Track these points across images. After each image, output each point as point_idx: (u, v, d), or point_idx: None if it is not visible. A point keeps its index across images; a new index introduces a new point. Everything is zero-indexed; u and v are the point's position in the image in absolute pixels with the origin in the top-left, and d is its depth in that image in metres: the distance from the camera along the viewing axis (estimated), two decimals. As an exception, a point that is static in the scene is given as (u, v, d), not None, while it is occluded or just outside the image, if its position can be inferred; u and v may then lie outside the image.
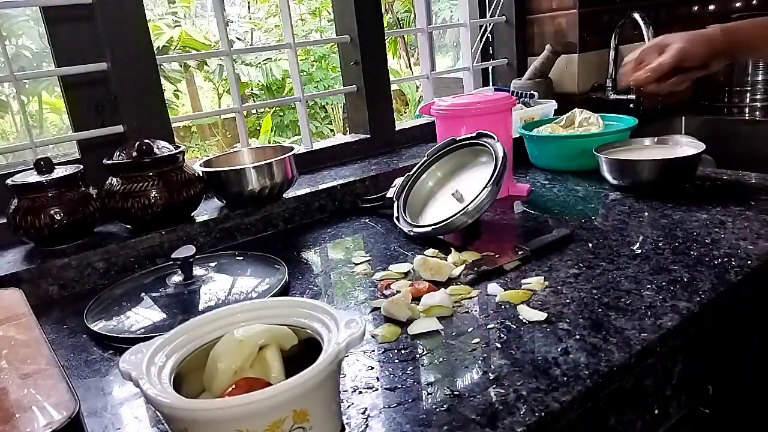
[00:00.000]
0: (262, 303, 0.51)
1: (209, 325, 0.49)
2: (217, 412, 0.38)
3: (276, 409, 0.39)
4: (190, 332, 0.48)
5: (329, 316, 0.47)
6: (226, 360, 0.45)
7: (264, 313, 0.50)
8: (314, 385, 0.40)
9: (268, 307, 0.51)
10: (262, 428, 0.39)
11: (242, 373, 0.44)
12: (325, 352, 0.42)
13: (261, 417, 0.39)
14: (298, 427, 0.40)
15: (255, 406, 0.38)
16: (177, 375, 0.45)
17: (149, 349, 0.45)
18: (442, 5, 4.63)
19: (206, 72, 5.10)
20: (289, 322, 0.49)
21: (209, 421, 0.39)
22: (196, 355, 0.47)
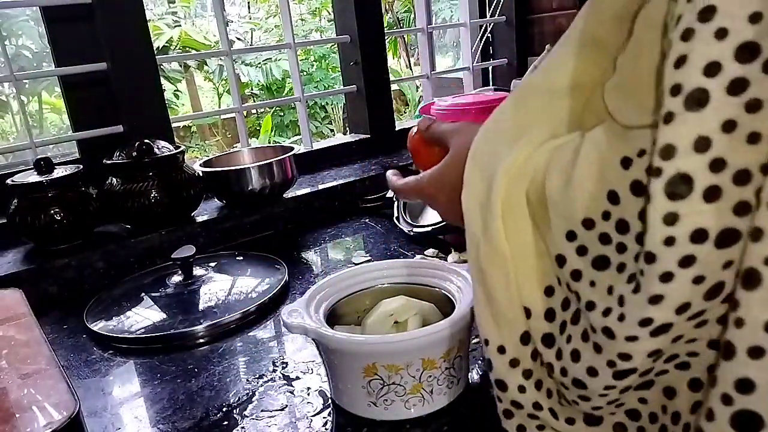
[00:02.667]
0: (399, 262, 0.61)
1: (349, 280, 0.59)
2: (407, 342, 0.47)
3: (448, 339, 0.48)
4: (332, 287, 0.57)
5: (457, 274, 0.56)
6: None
7: (401, 272, 0.60)
8: (468, 321, 0.49)
9: (403, 266, 0.60)
10: (439, 356, 0.48)
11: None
12: (466, 300, 0.51)
13: (439, 347, 0.48)
14: (458, 355, 0.50)
15: (436, 336, 0.47)
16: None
17: (304, 308, 0.53)
18: (442, 5, 4.63)
19: (206, 72, 5.10)
20: (424, 281, 0.59)
21: (401, 351, 0.47)
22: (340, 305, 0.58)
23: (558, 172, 0.31)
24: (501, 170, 0.34)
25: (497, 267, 0.35)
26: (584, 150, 0.30)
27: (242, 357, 0.63)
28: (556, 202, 0.31)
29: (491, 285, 0.35)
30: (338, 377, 0.51)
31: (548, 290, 0.34)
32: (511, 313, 0.35)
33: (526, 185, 0.34)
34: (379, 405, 0.49)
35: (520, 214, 0.34)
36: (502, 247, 0.34)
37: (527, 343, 0.35)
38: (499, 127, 0.37)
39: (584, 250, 0.30)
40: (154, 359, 0.65)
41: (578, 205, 0.30)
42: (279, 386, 0.57)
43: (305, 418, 0.51)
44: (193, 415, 0.54)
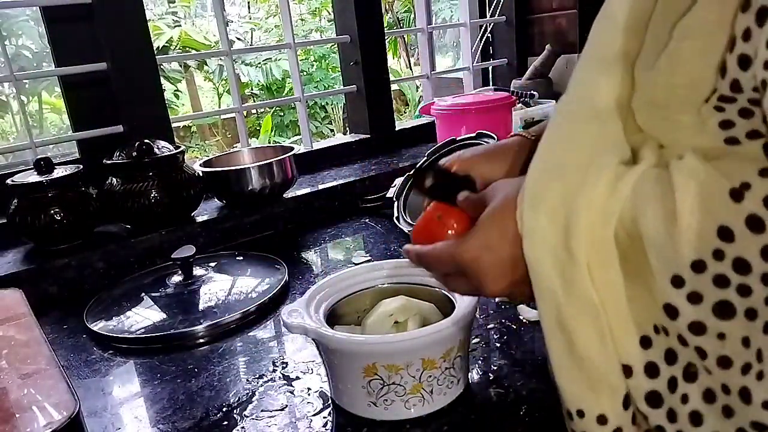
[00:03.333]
0: (399, 262, 0.60)
1: (349, 280, 0.59)
2: (407, 342, 0.47)
3: (448, 339, 0.48)
4: (332, 287, 0.57)
5: None
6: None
7: (401, 272, 0.59)
8: (468, 321, 0.50)
9: (404, 265, 0.59)
10: (439, 356, 0.48)
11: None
12: (467, 299, 0.51)
13: (439, 347, 0.48)
14: (458, 355, 0.50)
15: (436, 337, 0.47)
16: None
17: (304, 307, 0.52)
18: (442, 5, 4.63)
19: (206, 72, 5.10)
20: (424, 281, 0.58)
21: (401, 351, 0.47)
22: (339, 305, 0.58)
23: (652, 208, 0.27)
24: (579, 210, 0.29)
25: (588, 322, 0.30)
26: (678, 181, 0.26)
27: (242, 357, 0.63)
28: (656, 243, 0.27)
29: (582, 345, 0.30)
30: (338, 377, 0.51)
31: (644, 341, 0.30)
32: (611, 374, 0.30)
33: (614, 224, 0.29)
34: (379, 405, 0.49)
35: (609, 258, 0.30)
36: (592, 301, 0.30)
37: (628, 408, 0.31)
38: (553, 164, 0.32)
39: (698, 298, 0.26)
40: (154, 359, 0.65)
41: (683, 245, 0.26)
42: (279, 386, 0.57)
43: (305, 418, 0.51)
44: (193, 415, 0.54)
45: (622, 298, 0.30)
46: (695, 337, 0.27)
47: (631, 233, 0.28)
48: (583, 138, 0.31)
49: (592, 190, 0.29)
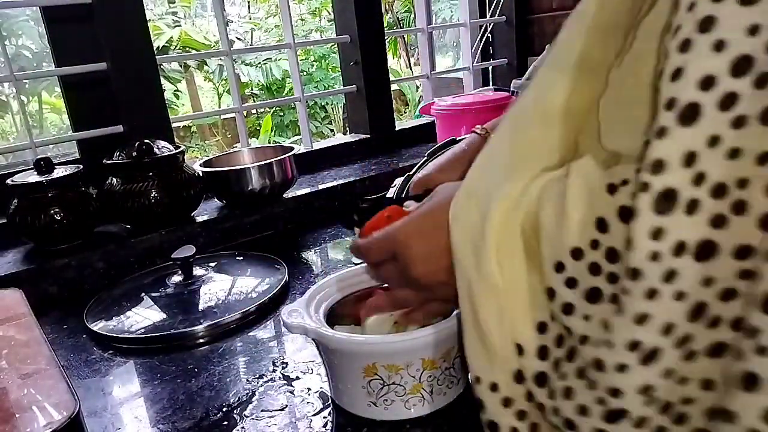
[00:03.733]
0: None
1: (349, 280, 0.58)
2: (407, 342, 0.47)
3: (449, 339, 0.47)
4: (332, 287, 0.57)
5: None
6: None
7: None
8: None
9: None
10: (439, 356, 0.48)
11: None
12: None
13: (439, 347, 0.47)
14: (458, 355, 0.50)
15: (436, 337, 0.46)
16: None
17: (304, 307, 0.52)
18: (442, 5, 4.63)
19: (206, 72, 5.10)
20: None
21: (401, 351, 0.47)
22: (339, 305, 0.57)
23: (550, 203, 0.31)
24: (496, 202, 0.33)
25: (490, 302, 0.34)
26: (571, 179, 0.30)
27: (242, 357, 0.63)
28: (548, 233, 0.31)
29: (484, 320, 0.34)
30: (338, 377, 0.51)
31: (541, 327, 0.33)
32: (504, 349, 0.34)
33: (521, 218, 0.32)
34: (379, 405, 0.49)
35: (515, 247, 0.33)
36: (495, 282, 0.33)
37: (521, 382, 0.34)
38: (493, 159, 0.36)
39: (574, 282, 0.29)
40: (154, 359, 0.65)
41: (567, 234, 0.29)
42: (279, 386, 0.57)
43: (305, 418, 0.51)
44: (193, 415, 0.54)
45: (523, 284, 0.33)
46: (566, 317, 0.30)
47: (534, 227, 0.32)
48: (521, 142, 0.34)
49: (510, 186, 0.33)
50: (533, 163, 0.33)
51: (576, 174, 0.30)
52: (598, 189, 0.28)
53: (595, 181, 0.29)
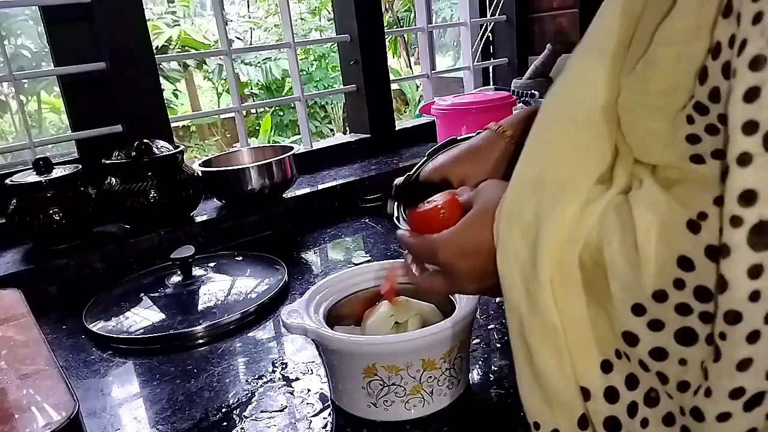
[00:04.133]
0: (397, 263, 0.58)
1: (349, 281, 0.58)
2: (407, 343, 0.47)
3: (449, 340, 0.48)
4: (332, 287, 0.57)
5: None
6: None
7: (401, 272, 0.56)
8: (469, 321, 0.50)
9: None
10: (439, 357, 0.48)
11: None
12: (467, 299, 0.50)
13: (439, 347, 0.48)
14: (458, 356, 0.50)
15: (436, 337, 0.47)
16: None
17: (303, 308, 0.52)
18: (443, 4, 4.63)
19: (205, 71, 5.09)
20: None
21: (401, 352, 0.47)
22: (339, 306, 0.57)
23: (615, 238, 0.27)
24: (548, 231, 0.30)
25: (547, 342, 0.31)
26: (638, 212, 0.27)
27: (241, 358, 0.63)
28: (619, 271, 0.27)
29: (541, 362, 0.31)
30: (338, 378, 0.51)
31: (605, 366, 0.30)
32: (566, 393, 0.31)
33: (580, 249, 0.29)
34: (379, 406, 0.49)
35: (572, 281, 0.30)
36: (552, 319, 0.30)
37: (585, 428, 0.31)
38: (533, 177, 0.32)
39: (659, 325, 0.27)
40: (153, 360, 0.64)
41: (646, 276, 0.26)
42: (278, 387, 0.57)
43: (305, 419, 0.51)
44: (192, 415, 0.54)
45: (583, 321, 0.30)
46: (657, 362, 0.27)
47: (596, 261, 0.29)
48: (564, 151, 0.31)
49: (562, 213, 0.30)
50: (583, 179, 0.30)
51: (641, 205, 0.27)
52: (676, 226, 0.25)
53: (667, 215, 0.26)
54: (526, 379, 0.32)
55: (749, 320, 0.23)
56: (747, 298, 0.23)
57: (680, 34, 0.25)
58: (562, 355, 0.30)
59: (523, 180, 0.33)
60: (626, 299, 0.27)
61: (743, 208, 0.22)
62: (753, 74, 0.22)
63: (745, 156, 0.22)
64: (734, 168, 0.22)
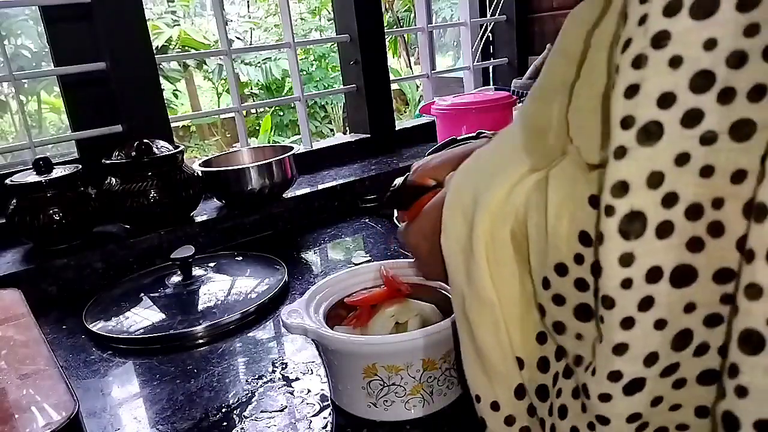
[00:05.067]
0: (400, 263, 0.59)
1: (349, 280, 0.58)
2: (407, 343, 0.47)
3: (449, 340, 0.48)
4: (332, 287, 0.57)
5: None
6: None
7: (401, 272, 0.58)
8: None
9: (404, 266, 0.58)
10: (439, 357, 0.48)
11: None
12: None
13: (439, 347, 0.48)
14: (459, 355, 0.47)
15: (436, 337, 0.47)
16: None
17: (303, 308, 0.52)
18: (443, 4, 4.63)
19: (205, 71, 5.09)
20: (424, 282, 0.56)
21: (401, 352, 0.47)
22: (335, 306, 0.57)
23: (537, 211, 0.29)
24: (481, 209, 0.31)
25: (485, 316, 0.32)
26: (551, 186, 0.28)
27: (241, 358, 0.63)
28: (535, 245, 0.29)
29: (480, 336, 0.32)
30: (338, 378, 0.51)
31: (541, 337, 0.31)
32: (503, 365, 0.32)
33: (511, 224, 0.30)
34: (379, 406, 0.49)
35: (506, 256, 0.31)
36: (488, 294, 0.31)
37: (522, 398, 0.32)
38: (479, 164, 0.34)
39: (561, 300, 0.28)
40: (153, 360, 0.64)
41: (551, 249, 0.27)
42: (278, 387, 0.57)
43: (305, 419, 0.51)
44: (192, 415, 0.54)
45: (517, 295, 0.31)
46: (558, 335, 0.29)
47: (525, 234, 0.30)
48: (506, 146, 0.33)
49: (494, 192, 0.31)
50: (519, 165, 0.31)
51: (555, 181, 0.28)
52: (581, 200, 0.26)
53: (576, 191, 0.27)
54: (469, 354, 0.34)
55: (622, 307, 0.24)
56: (619, 285, 0.24)
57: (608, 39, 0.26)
58: (499, 328, 0.32)
59: (468, 167, 0.35)
60: (538, 271, 0.29)
61: (616, 198, 0.23)
62: (634, 72, 0.23)
63: (621, 149, 0.23)
64: (611, 161, 0.23)
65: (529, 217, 0.29)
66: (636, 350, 0.24)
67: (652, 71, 0.22)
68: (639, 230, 0.23)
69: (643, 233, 0.23)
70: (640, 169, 0.23)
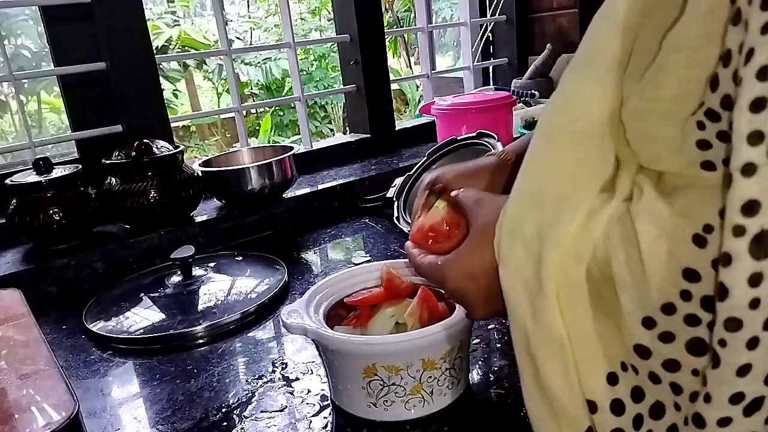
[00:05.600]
0: (400, 263, 0.59)
1: (349, 281, 0.58)
2: (407, 343, 0.47)
3: (449, 340, 0.48)
4: (332, 287, 0.57)
5: None
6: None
7: (401, 272, 0.57)
8: (469, 321, 0.49)
9: (404, 266, 0.58)
10: (439, 357, 0.48)
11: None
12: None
13: (439, 347, 0.48)
14: (458, 356, 0.50)
15: (436, 337, 0.47)
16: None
17: (304, 308, 0.52)
18: (443, 4, 4.63)
19: (205, 71, 5.09)
20: (425, 282, 0.55)
21: (401, 352, 0.47)
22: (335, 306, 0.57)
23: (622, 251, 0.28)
24: (551, 244, 0.30)
25: (553, 356, 0.31)
26: (641, 226, 0.27)
27: (241, 358, 0.63)
28: (627, 285, 0.28)
29: (546, 376, 0.31)
30: (338, 378, 0.51)
31: (611, 378, 0.30)
32: (572, 407, 0.31)
33: (587, 262, 0.29)
34: (379, 406, 0.49)
35: (579, 295, 0.30)
36: (558, 334, 0.30)
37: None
38: (533, 191, 0.32)
39: (671, 337, 0.27)
40: (153, 360, 0.64)
41: (652, 289, 0.26)
42: (278, 387, 0.57)
43: (305, 419, 0.51)
44: (192, 415, 0.54)
45: (590, 334, 0.30)
46: (670, 374, 0.28)
47: (605, 273, 0.29)
48: (564, 164, 0.31)
49: (565, 227, 0.30)
50: (585, 192, 0.30)
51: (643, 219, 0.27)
52: (681, 238, 0.26)
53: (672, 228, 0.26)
54: (533, 393, 0.33)
55: (749, 327, 0.23)
56: (747, 306, 0.23)
57: (691, 41, 0.25)
58: (569, 368, 0.30)
59: (522, 194, 0.33)
60: (636, 312, 0.27)
61: (746, 218, 0.22)
62: (760, 84, 0.22)
63: (749, 166, 0.22)
64: (738, 177, 0.22)
65: (613, 256, 0.28)
66: (758, 369, 0.24)
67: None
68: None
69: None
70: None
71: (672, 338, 0.27)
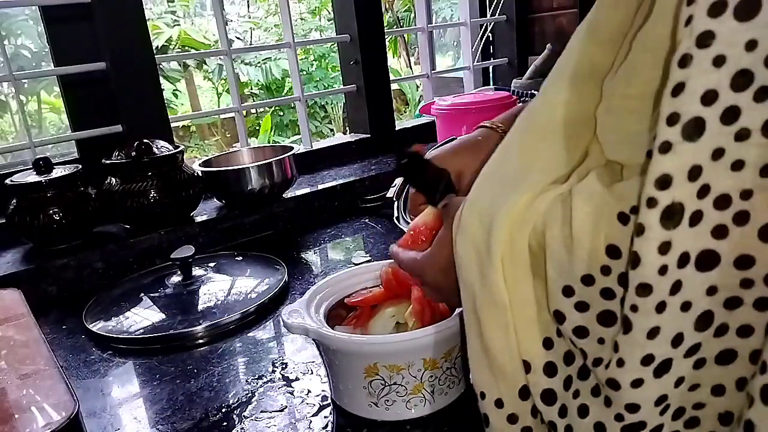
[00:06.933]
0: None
1: (349, 280, 0.58)
2: (408, 342, 0.47)
3: (450, 339, 0.48)
4: (332, 287, 0.57)
5: None
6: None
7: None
8: None
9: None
10: (440, 356, 0.48)
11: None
12: None
13: (440, 347, 0.48)
14: (459, 355, 0.50)
15: (437, 337, 0.46)
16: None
17: (304, 308, 0.52)
18: (443, 4, 4.63)
19: (205, 71, 5.09)
20: None
21: (402, 351, 0.47)
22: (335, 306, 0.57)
23: (557, 224, 0.30)
24: (501, 215, 0.32)
25: (495, 317, 0.33)
26: (576, 203, 0.29)
27: (241, 358, 0.63)
28: (555, 255, 0.30)
29: (488, 336, 0.34)
30: (339, 378, 0.51)
31: (547, 343, 0.32)
32: (509, 365, 0.33)
33: (528, 233, 0.32)
34: (380, 405, 0.49)
35: (521, 263, 0.32)
36: (501, 297, 0.33)
37: (526, 399, 0.34)
38: (497, 171, 0.35)
39: (585, 306, 0.29)
40: (153, 360, 0.64)
41: (577, 262, 0.29)
42: (278, 387, 0.57)
43: (305, 419, 0.51)
44: (192, 415, 0.54)
45: (529, 300, 0.33)
46: (579, 339, 0.30)
47: (541, 244, 0.31)
48: (525, 154, 0.34)
49: (515, 201, 0.32)
50: (540, 174, 0.32)
51: (581, 197, 0.29)
52: (609, 216, 0.28)
53: (603, 207, 0.28)
54: (476, 351, 0.35)
55: (658, 292, 0.25)
56: (657, 272, 0.25)
57: (657, 42, 0.26)
58: (509, 330, 0.33)
59: (485, 175, 0.36)
60: (558, 280, 0.30)
61: (659, 191, 0.24)
62: (680, 71, 0.24)
63: (665, 144, 0.24)
64: (656, 155, 0.24)
65: (547, 228, 0.30)
66: (666, 332, 0.26)
67: (697, 70, 0.23)
68: (678, 220, 0.24)
69: (680, 223, 0.24)
70: (683, 164, 0.24)
71: (586, 308, 0.29)
